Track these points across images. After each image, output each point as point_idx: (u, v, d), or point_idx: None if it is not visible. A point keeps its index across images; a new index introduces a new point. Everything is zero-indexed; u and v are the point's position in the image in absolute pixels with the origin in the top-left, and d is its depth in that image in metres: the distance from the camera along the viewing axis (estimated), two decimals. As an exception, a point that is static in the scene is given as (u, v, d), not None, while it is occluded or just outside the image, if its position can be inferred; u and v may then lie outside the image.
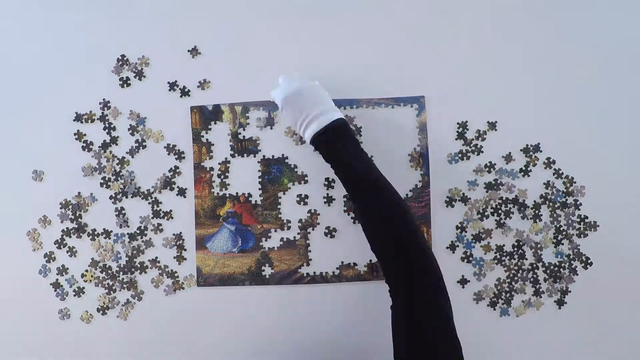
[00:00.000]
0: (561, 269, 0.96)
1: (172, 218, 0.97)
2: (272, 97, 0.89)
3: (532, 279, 0.96)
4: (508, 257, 0.96)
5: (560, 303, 0.96)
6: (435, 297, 0.73)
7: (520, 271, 0.96)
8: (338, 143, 0.83)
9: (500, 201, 0.96)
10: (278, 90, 0.87)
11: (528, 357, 0.96)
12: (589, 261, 0.96)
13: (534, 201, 0.96)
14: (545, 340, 0.97)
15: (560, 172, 0.97)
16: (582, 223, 0.96)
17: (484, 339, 0.96)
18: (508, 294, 0.96)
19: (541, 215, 0.96)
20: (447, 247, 0.97)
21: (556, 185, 0.97)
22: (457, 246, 0.97)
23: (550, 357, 0.96)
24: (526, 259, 0.96)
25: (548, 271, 0.96)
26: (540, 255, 0.96)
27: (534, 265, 0.96)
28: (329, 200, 0.97)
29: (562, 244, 0.96)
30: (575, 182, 0.97)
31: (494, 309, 0.97)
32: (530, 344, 0.96)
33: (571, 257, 0.96)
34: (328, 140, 0.83)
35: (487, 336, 0.96)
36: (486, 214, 0.96)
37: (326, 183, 0.97)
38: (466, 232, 0.97)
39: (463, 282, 0.96)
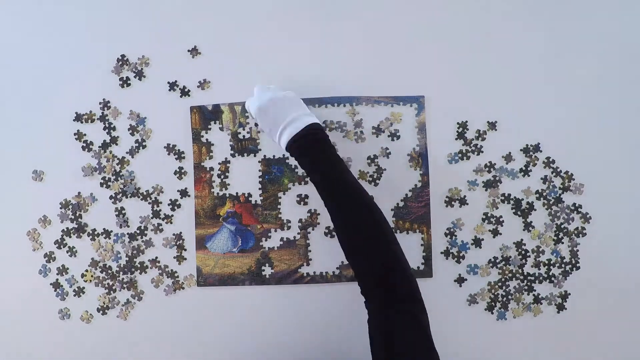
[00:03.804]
0: (556, 267, 0.96)
1: (172, 217, 0.98)
2: (247, 107, 0.89)
3: (527, 285, 0.96)
4: (504, 262, 0.96)
5: (560, 307, 0.96)
6: (411, 308, 0.73)
7: (518, 275, 0.96)
8: (312, 148, 0.82)
9: (500, 202, 0.96)
10: (252, 99, 0.87)
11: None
12: (578, 265, 0.96)
13: (531, 202, 0.96)
14: (544, 343, 0.97)
15: (559, 170, 0.97)
16: (581, 219, 0.96)
17: (482, 341, 0.96)
18: (505, 298, 0.96)
19: (541, 216, 0.96)
20: (446, 248, 0.97)
21: (554, 182, 0.97)
22: (456, 247, 0.97)
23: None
24: (525, 262, 0.96)
25: (547, 275, 0.96)
26: (539, 261, 0.96)
27: (532, 271, 0.97)
28: (329, 200, 0.97)
29: (562, 243, 0.96)
30: (574, 179, 0.97)
31: (492, 313, 0.97)
32: (529, 346, 0.97)
33: (569, 259, 0.96)
34: (301, 145, 0.82)
35: (484, 338, 0.97)
36: (488, 214, 0.97)
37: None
38: (465, 233, 0.97)
39: (460, 280, 0.96)
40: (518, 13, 0.97)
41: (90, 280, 0.98)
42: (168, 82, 0.98)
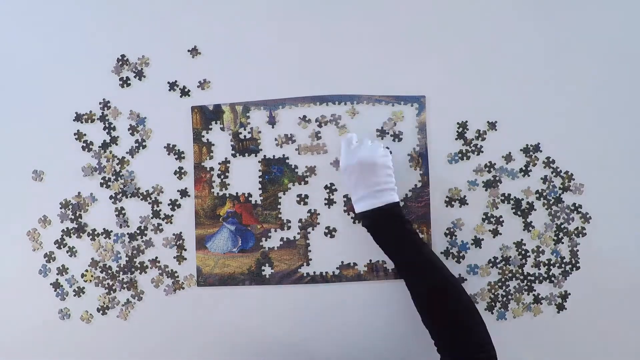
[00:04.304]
0: (556, 267, 0.96)
1: (172, 217, 0.98)
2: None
3: (527, 285, 0.96)
4: (504, 262, 0.96)
5: (560, 307, 0.96)
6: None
7: (518, 275, 0.97)
8: (384, 227, 0.86)
9: (500, 202, 0.96)
10: (351, 151, 0.87)
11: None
12: (578, 265, 0.96)
13: (532, 202, 0.97)
14: (544, 343, 0.97)
15: (559, 170, 0.97)
16: (581, 219, 0.96)
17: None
18: (505, 298, 0.96)
19: (541, 216, 0.97)
20: (446, 248, 0.97)
21: (554, 182, 0.97)
22: (456, 247, 0.97)
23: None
24: (525, 262, 0.96)
25: (547, 275, 0.96)
26: (539, 261, 0.96)
27: (533, 270, 0.97)
28: (330, 201, 0.97)
29: (562, 243, 0.96)
30: (574, 179, 0.97)
31: (492, 313, 0.97)
32: (529, 346, 0.97)
33: (569, 259, 0.96)
34: (373, 224, 0.87)
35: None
36: (488, 214, 0.97)
37: (327, 186, 0.97)
38: (465, 233, 0.97)
39: (460, 280, 0.96)
40: (518, 13, 0.97)
41: (90, 280, 0.98)
42: (168, 82, 0.98)
